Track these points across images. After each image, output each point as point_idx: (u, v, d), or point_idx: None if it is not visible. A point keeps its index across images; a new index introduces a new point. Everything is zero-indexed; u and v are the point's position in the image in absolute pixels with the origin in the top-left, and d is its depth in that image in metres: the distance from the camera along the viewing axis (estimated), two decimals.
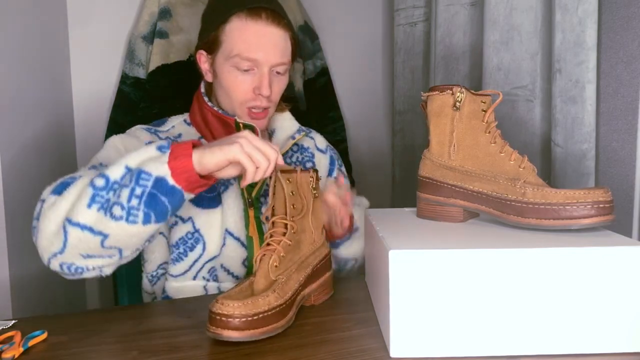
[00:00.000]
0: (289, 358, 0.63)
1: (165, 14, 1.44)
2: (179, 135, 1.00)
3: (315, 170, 0.82)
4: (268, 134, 1.08)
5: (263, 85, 0.93)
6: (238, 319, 0.64)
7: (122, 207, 0.72)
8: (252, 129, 0.96)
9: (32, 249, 0.83)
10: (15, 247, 1.09)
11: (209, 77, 1.00)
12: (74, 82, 1.48)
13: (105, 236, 0.74)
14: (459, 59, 1.31)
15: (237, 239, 0.95)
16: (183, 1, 1.46)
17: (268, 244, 0.75)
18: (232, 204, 0.95)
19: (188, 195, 0.76)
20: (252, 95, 0.95)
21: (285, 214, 0.76)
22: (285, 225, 0.76)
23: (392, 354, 0.62)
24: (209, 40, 0.96)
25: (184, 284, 0.93)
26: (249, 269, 0.95)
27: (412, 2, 1.50)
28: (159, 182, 0.72)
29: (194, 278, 0.93)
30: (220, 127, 0.98)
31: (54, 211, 0.74)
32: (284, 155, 1.06)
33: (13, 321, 0.76)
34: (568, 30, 0.97)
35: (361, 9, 1.78)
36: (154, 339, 0.70)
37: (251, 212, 0.96)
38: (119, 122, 1.44)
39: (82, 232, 0.73)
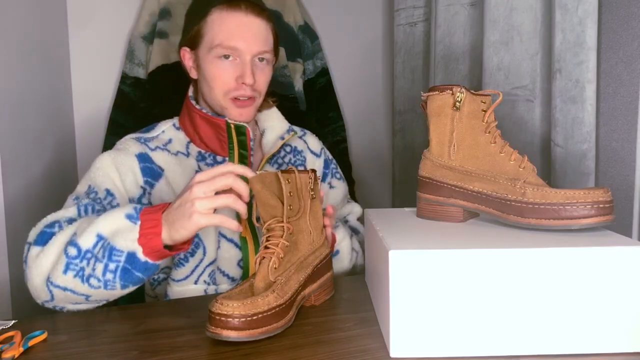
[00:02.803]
0: (289, 358, 0.63)
1: (165, 14, 1.44)
2: (169, 141, 1.00)
3: (314, 171, 0.82)
4: (260, 134, 1.08)
5: (246, 73, 0.94)
6: (237, 319, 0.64)
7: (99, 280, 0.77)
8: (242, 129, 0.97)
9: None
10: (15, 247, 1.09)
11: (193, 74, 1.01)
12: (74, 82, 1.48)
13: (87, 296, 0.79)
14: (459, 59, 1.31)
15: (231, 241, 0.95)
16: (183, 1, 1.46)
17: (266, 247, 0.74)
18: None
19: (162, 262, 0.80)
20: (235, 85, 0.95)
21: (282, 215, 0.76)
22: (282, 227, 0.75)
23: (392, 354, 0.62)
24: (192, 35, 0.98)
25: (186, 288, 0.93)
26: (245, 269, 0.95)
27: (412, 2, 1.50)
28: (131, 257, 0.76)
29: (196, 282, 0.93)
30: (209, 129, 0.98)
31: (37, 267, 0.78)
32: (275, 156, 1.05)
33: (13, 321, 0.76)
34: (568, 30, 0.97)
35: (361, 9, 1.78)
36: (154, 339, 0.70)
37: None
38: (119, 122, 1.44)
39: (64, 292, 0.78)
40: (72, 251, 0.76)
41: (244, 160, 0.98)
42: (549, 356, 0.62)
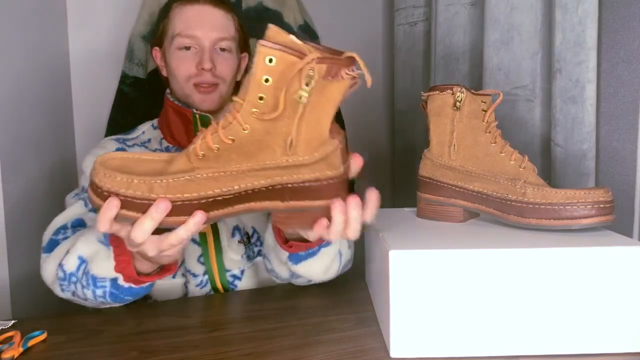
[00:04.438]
0: (288, 358, 0.63)
1: None
2: (148, 140, 1.02)
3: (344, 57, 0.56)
4: None
5: (204, 59, 0.96)
6: (115, 197, 0.53)
7: (94, 300, 0.78)
8: (206, 119, 0.97)
9: (32, 249, 0.83)
10: (15, 247, 1.09)
11: (164, 72, 1.03)
12: (73, 82, 1.48)
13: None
14: (459, 59, 1.31)
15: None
16: None
17: (217, 123, 0.55)
18: None
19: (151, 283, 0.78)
20: (196, 71, 0.97)
21: (243, 101, 0.53)
22: (233, 115, 0.54)
23: (392, 354, 0.62)
24: (159, 34, 1.01)
25: (165, 282, 0.92)
26: (206, 265, 0.94)
27: (412, 2, 1.50)
28: (115, 283, 0.76)
29: (174, 277, 0.93)
30: (179, 122, 0.99)
31: (44, 270, 0.81)
32: None
33: (13, 321, 0.76)
34: (568, 29, 0.97)
35: (361, 9, 1.78)
36: (154, 339, 0.70)
37: None
38: (119, 122, 1.44)
39: (71, 297, 0.80)
40: (60, 274, 0.78)
41: None
42: (549, 356, 0.62)
